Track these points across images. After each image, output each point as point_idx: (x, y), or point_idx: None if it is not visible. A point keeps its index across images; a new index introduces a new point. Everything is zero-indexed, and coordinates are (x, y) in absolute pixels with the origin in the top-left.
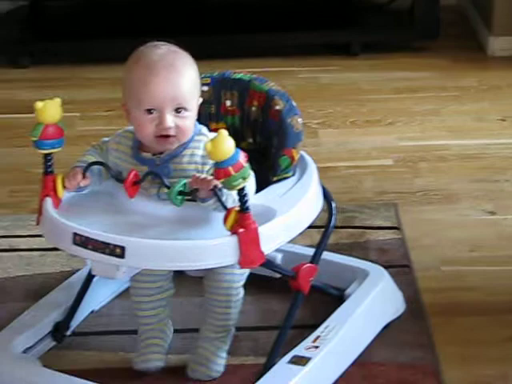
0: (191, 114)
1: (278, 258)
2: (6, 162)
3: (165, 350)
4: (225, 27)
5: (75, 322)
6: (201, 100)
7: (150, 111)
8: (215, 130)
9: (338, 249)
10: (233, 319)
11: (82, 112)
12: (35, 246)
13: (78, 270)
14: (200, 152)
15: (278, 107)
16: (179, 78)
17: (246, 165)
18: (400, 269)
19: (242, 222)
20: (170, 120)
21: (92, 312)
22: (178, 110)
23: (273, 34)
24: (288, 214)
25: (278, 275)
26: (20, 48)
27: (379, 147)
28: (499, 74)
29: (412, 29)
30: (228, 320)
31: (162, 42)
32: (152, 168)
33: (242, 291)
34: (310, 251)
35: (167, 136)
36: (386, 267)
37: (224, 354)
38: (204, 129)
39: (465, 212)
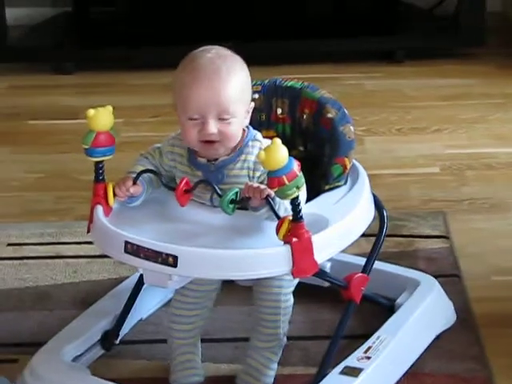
0: (236, 119)
1: (327, 266)
2: (52, 168)
3: (200, 364)
4: (273, 33)
5: (124, 331)
6: (252, 104)
7: (194, 118)
8: (266, 138)
9: (386, 257)
10: (283, 327)
11: (126, 118)
12: (82, 253)
13: (125, 278)
14: (253, 158)
15: (329, 115)
16: (223, 85)
17: (300, 174)
18: (450, 278)
19: (295, 231)
20: (213, 126)
21: (140, 320)
22: (223, 117)
23: (318, 40)
24: (341, 222)
25: (327, 284)
26: (64, 54)
27: (425, 155)
28: None
29: (457, 35)
30: (277, 328)
31: (214, 46)
32: (206, 173)
33: (291, 298)
34: (359, 260)
35: (211, 142)
36: (435, 276)
37: (275, 366)
38: (258, 135)
39: None
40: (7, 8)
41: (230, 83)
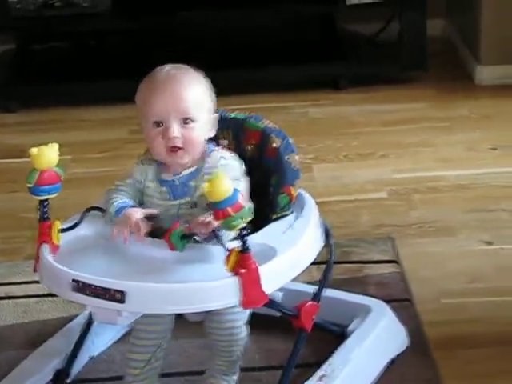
0: (199, 124)
1: (279, 296)
2: None
3: None
4: (212, 64)
5: (75, 369)
6: (216, 116)
7: (158, 125)
8: None
9: (336, 284)
10: (238, 357)
11: (74, 154)
12: (31, 293)
13: (75, 316)
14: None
15: (274, 145)
16: (182, 89)
17: (245, 205)
18: (401, 303)
19: (243, 262)
20: (176, 129)
21: (92, 358)
22: (185, 121)
23: (260, 69)
24: (289, 252)
25: (279, 313)
26: (7, 92)
27: (373, 180)
28: (488, 102)
29: (400, 61)
30: (232, 357)
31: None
32: (172, 188)
33: (245, 329)
34: (311, 288)
35: (176, 150)
36: (386, 301)
37: None
38: (217, 147)
39: (462, 243)
40: None
41: (189, 86)
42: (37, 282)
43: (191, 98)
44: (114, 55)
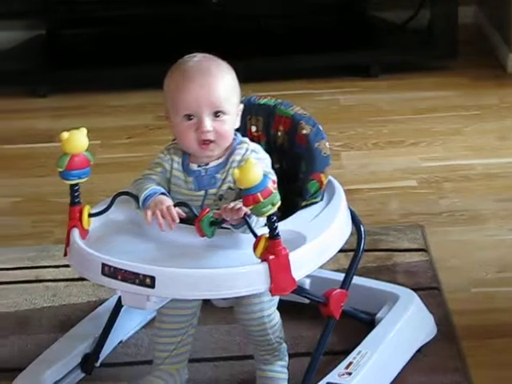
0: (230, 117)
1: (307, 283)
2: (27, 192)
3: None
4: (244, 51)
5: (104, 353)
6: (241, 107)
7: (189, 117)
8: None
9: (364, 272)
10: (279, 343)
11: (102, 140)
12: (61, 277)
13: (104, 300)
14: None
15: (304, 132)
16: (215, 82)
17: (275, 191)
18: (429, 291)
19: (272, 248)
20: (209, 123)
21: (121, 342)
22: (216, 114)
23: (292, 56)
24: (318, 239)
25: (308, 301)
26: (38, 77)
27: (402, 168)
28: None
29: (430, 48)
30: (272, 345)
31: (197, 53)
32: (198, 179)
33: (276, 316)
34: (338, 276)
35: (207, 143)
36: (414, 290)
37: (285, 370)
38: (245, 138)
39: (492, 232)
40: None
41: (221, 80)
42: (66, 265)
43: (223, 91)
44: (141, 41)
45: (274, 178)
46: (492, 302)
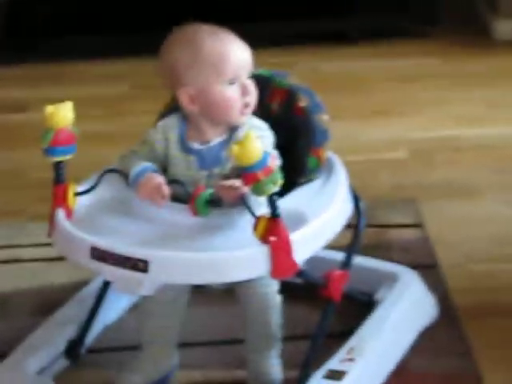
0: None
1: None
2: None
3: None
4: (220, 17)
5: (89, 339)
6: None
7: (231, 82)
8: None
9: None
10: (276, 328)
11: (77, 110)
12: (40, 256)
13: (88, 280)
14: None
15: (302, 104)
16: (245, 45)
17: (276, 168)
18: (427, 269)
19: (272, 229)
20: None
21: (106, 327)
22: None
23: (265, 23)
24: (320, 218)
25: (300, 280)
26: (5, 44)
27: (390, 139)
28: (508, 58)
29: (412, 13)
30: (270, 328)
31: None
32: (200, 157)
33: (277, 297)
34: (335, 254)
35: (248, 107)
36: (411, 267)
37: (278, 361)
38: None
39: (489, 205)
40: None
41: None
42: (46, 244)
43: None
44: (118, 7)
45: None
46: (492, 280)
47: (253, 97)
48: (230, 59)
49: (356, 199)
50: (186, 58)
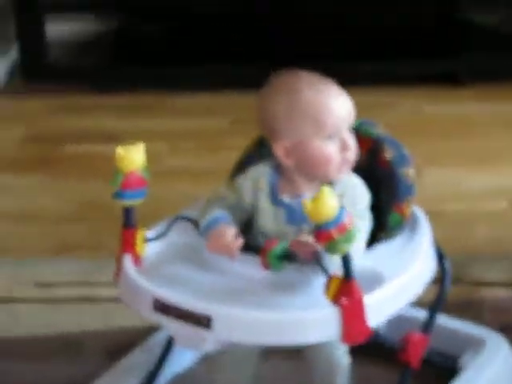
0: None
1: None
2: (85, 196)
3: None
4: (322, 55)
5: None
6: None
7: (331, 136)
8: None
9: (445, 307)
10: None
11: (169, 144)
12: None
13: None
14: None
15: (387, 156)
16: (347, 97)
17: (352, 226)
18: None
19: (345, 290)
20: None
21: (175, 376)
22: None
23: (372, 61)
24: (399, 280)
25: None
26: (107, 74)
27: (493, 189)
28: None
29: None
30: None
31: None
32: (291, 213)
33: (346, 357)
34: (417, 312)
35: (348, 164)
36: (503, 330)
37: None
38: None
39: None
40: (49, 24)
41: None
42: None
43: None
44: (217, 39)
45: (368, 223)
46: None
47: (353, 153)
48: (331, 112)
49: (441, 257)
50: (284, 110)
